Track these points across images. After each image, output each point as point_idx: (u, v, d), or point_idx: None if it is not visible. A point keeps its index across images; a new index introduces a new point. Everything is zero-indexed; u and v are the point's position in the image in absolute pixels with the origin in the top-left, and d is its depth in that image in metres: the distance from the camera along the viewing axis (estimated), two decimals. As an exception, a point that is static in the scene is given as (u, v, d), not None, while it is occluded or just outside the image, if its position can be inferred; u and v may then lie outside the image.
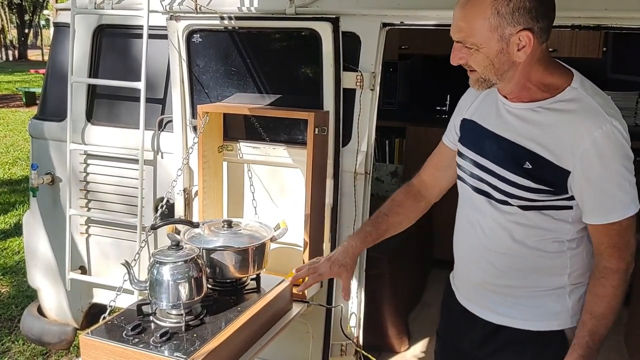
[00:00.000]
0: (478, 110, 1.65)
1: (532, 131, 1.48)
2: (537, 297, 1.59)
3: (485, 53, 1.43)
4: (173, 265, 1.80)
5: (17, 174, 7.54)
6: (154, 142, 2.73)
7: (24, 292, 4.19)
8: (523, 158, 1.48)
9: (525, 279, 1.58)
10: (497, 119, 1.56)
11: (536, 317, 1.59)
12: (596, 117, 1.42)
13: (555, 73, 1.49)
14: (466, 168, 1.64)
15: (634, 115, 4.02)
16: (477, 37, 1.42)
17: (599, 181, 1.43)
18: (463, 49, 1.45)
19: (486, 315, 1.65)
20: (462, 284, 1.74)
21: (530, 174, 1.47)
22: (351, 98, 2.33)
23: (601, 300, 1.50)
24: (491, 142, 1.56)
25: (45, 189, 2.97)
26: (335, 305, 2.44)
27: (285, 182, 2.50)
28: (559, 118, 1.45)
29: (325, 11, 2.30)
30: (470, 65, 1.47)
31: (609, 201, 1.45)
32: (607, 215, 1.46)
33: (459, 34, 1.44)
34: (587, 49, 3.94)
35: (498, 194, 1.54)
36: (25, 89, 13.79)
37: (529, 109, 1.50)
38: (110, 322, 1.81)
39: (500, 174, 1.53)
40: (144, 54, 2.50)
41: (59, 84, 2.88)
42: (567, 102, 1.45)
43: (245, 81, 2.49)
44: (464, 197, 1.68)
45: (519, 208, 1.52)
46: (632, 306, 3.06)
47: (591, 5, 2.05)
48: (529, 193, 1.49)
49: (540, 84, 1.49)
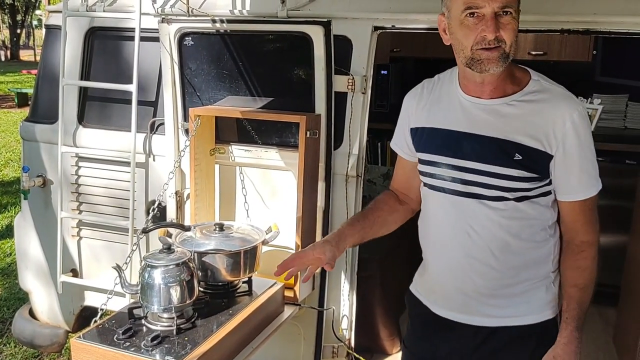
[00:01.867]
0: (431, 116, 1.65)
1: (513, 124, 1.52)
2: (529, 290, 1.62)
3: (517, 21, 1.47)
4: (164, 268, 1.80)
5: (9, 176, 7.50)
6: (145, 144, 2.73)
7: (15, 295, 4.17)
8: (512, 150, 1.51)
9: (520, 274, 1.60)
10: (468, 119, 1.57)
11: (532, 311, 1.62)
12: (569, 101, 1.52)
13: (516, 67, 1.58)
14: (443, 175, 1.61)
15: (623, 118, 4.04)
16: (515, 3, 1.46)
17: (580, 159, 1.52)
18: (502, 17, 1.43)
19: (476, 321, 1.65)
20: (446, 296, 1.70)
21: (522, 164, 1.51)
22: (343, 101, 2.34)
23: (583, 271, 1.59)
24: (468, 142, 1.56)
25: (37, 191, 2.96)
26: (327, 308, 2.45)
27: (277, 185, 2.50)
28: (535, 107, 1.51)
29: (317, 14, 2.31)
30: (501, 39, 1.44)
31: (587, 177, 1.54)
32: (588, 190, 1.55)
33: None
34: (576, 53, 3.97)
35: (491, 191, 1.54)
36: (18, 89, 13.73)
37: (503, 104, 1.54)
38: (102, 325, 1.81)
39: (489, 171, 1.53)
40: (136, 56, 2.49)
41: (50, 86, 2.88)
42: (537, 92, 1.53)
43: (237, 84, 2.50)
44: (443, 207, 1.63)
45: (514, 201, 1.54)
46: (620, 306, 3.09)
47: (580, 9, 2.07)
48: (523, 183, 1.52)
49: (512, 76, 1.55)
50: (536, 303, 1.63)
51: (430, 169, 1.64)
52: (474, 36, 1.44)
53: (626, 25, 2.05)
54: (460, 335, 1.67)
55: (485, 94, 1.55)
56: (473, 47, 1.45)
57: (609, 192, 3.65)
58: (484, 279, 1.61)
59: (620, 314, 3.10)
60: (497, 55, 1.45)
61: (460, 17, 1.46)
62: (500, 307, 1.62)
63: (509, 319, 1.62)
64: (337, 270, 2.43)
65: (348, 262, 2.41)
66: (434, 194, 1.66)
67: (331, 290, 2.46)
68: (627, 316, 2.97)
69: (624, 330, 2.99)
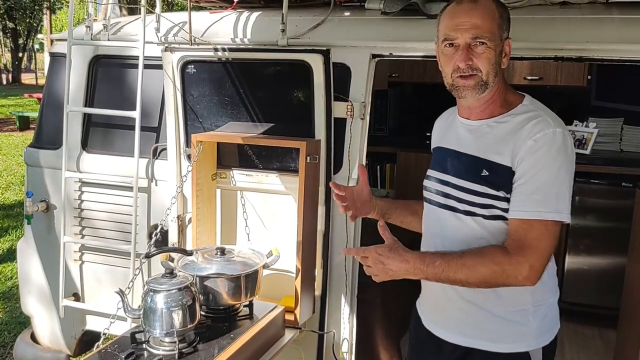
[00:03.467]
0: (440, 137, 1.79)
1: (486, 142, 1.60)
2: (501, 318, 1.61)
3: (493, 50, 1.54)
4: (167, 293, 1.82)
5: (11, 199, 7.53)
6: (148, 169, 2.76)
7: (16, 319, 4.17)
8: (480, 166, 1.58)
9: (492, 300, 1.59)
10: (456, 138, 1.69)
11: (503, 339, 1.61)
12: (542, 123, 1.52)
13: (510, 92, 1.65)
14: (432, 187, 1.73)
15: (619, 141, 4.09)
16: (490, 33, 1.53)
17: (533, 178, 1.48)
18: (477, 47, 1.53)
19: (454, 339, 1.67)
20: (429, 308, 1.78)
21: (488, 180, 1.56)
22: (342, 127, 2.38)
23: (486, 263, 1.47)
24: (452, 159, 1.67)
25: (40, 216, 2.99)
26: (327, 331, 2.46)
27: (277, 209, 2.53)
28: (510, 126, 1.57)
29: (316, 43, 2.37)
30: (475, 67, 1.54)
31: (540, 198, 1.48)
32: (536, 211, 1.48)
33: (475, 31, 1.52)
34: (572, 78, 4.04)
35: (462, 205, 1.61)
36: (19, 113, 13.79)
37: (484, 124, 1.63)
38: (104, 350, 1.83)
39: (461, 185, 1.61)
40: (139, 83, 2.54)
41: (54, 113, 2.93)
42: (518, 115, 1.59)
43: (239, 110, 2.54)
44: (431, 219, 1.74)
45: (484, 218, 1.57)
46: (621, 329, 3.09)
47: (573, 37, 2.13)
48: (491, 200, 1.55)
49: (502, 100, 1.62)
50: (509, 332, 1.60)
51: (426, 183, 1.77)
52: (451, 64, 1.58)
53: (618, 53, 2.10)
54: (442, 352, 1.70)
55: (473, 115, 1.65)
56: (452, 74, 1.58)
57: (606, 214, 3.74)
58: (460, 297, 1.63)
59: (620, 335, 3.11)
60: (473, 83, 1.56)
61: (441, 46, 1.61)
62: (474, 327, 1.63)
63: (481, 342, 1.62)
64: (337, 293, 2.45)
65: (348, 285, 2.43)
66: (426, 206, 1.77)
67: (331, 313, 2.48)
68: (626, 338, 2.97)
69: (624, 352, 2.99)
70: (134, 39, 2.66)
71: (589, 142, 3.99)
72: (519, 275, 1.46)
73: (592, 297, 3.78)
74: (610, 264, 3.72)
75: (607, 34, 2.11)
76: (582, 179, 3.69)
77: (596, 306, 3.76)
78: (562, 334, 3.75)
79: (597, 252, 3.76)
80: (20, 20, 29.07)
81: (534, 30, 2.14)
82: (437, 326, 1.73)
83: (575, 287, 3.79)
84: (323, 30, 2.40)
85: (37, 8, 28.15)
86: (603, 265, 3.75)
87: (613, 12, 2.16)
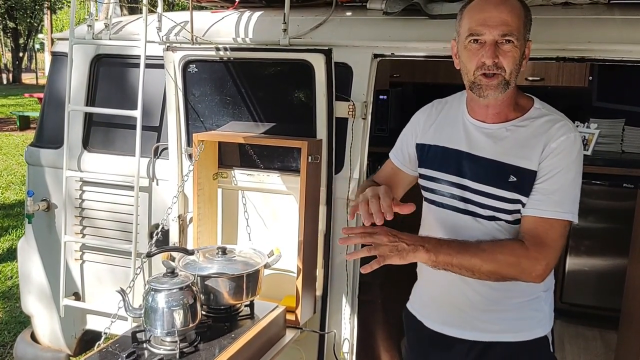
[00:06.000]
0: (437, 135, 1.72)
1: (507, 147, 1.58)
2: (521, 308, 1.65)
3: (519, 50, 1.51)
4: (168, 292, 1.82)
5: (11, 198, 7.53)
6: (149, 169, 2.76)
7: (16, 318, 4.17)
8: (507, 172, 1.56)
9: (511, 291, 1.62)
10: (470, 141, 1.64)
11: (524, 328, 1.65)
12: (562, 126, 1.55)
13: (520, 94, 1.64)
14: (443, 191, 1.68)
15: (620, 142, 4.08)
16: (518, 32, 1.50)
17: (555, 179, 1.52)
18: (503, 45, 1.50)
19: (472, 336, 1.68)
20: (436, 308, 1.76)
21: (516, 186, 1.55)
22: (343, 126, 2.38)
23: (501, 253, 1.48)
24: (468, 162, 1.63)
25: (41, 215, 2.99)
26: (328, 331, 2.46)
27: (278, 209, 2.53)
28: (530, 130, 1.57)
29: (318, 42, 2.37)
30: (500, 66, 1.50)
31: (559, 199, 1.52)
32: (554, 211, 1.52)
33: (504, 27, 1.48)
34: (573, 78, 4.04)
35: (485, 210, 1.60)
36: (20, 112, 13.81)
37: (502, 129, 1.60)
38: (105, 349, 1.82)
39: (484, 191, 1.59)
40: (141, 83, 2.54)
41: (56, 112, 2.92)
42: (535, 118, 1.59)
43: (240, 110, 2.54)
44: (442, 222, 1.69)
45: (507, 222, 1.58)
46: (622, 332, 3.09)
47: (575, 38, 2.13)
48: (517, 205, 1.55)
49: (515, 103, 1.61)
50: (527, 321, 1.66)
51: (432, 185, 1.71)
52: (475, 61, 1.53)
53: (619, 53, 2.10)
54: (455, 350, 1.70)
55: (489, 118, 1.62)
56: (475, 71, 1.53)
57: (607, 215, 3.73)
58: (479, 295, 1.65)
59: (620, 337, 3.11)
60: (496, 83, 1.52)
61: (465, 42, 1.55)
62: (494, 322, 1.66)
63: (503, 335, 1.65)
64: (338, 293, 2.45)
65: (349, 285, 2.43)
66: (434, 209, 1.72)
67: (332, 313, 2.48)
68: (627, 339, 2.97)
69: (624, 353, 2.99)
70: (136, 38, 2.66)
71: (590, 143, 3.99)
72: (533, 271, 1.49)
73: (593, 299, 3.77)
74: (611, 265, 3.71)
75: (609, 35, 2.11)
76: (584, 179, 3.62)
77: (597, 307, 3.75)
78: (562, 335, 3.75)
79: (598, 253, 3.75)
80: (20, 20, 29.09)
81: (536, 31, 2.11)
82: (448, 326, 1.72)
83: (576, 288, 3.78)
84: (325, 30, 2.40)
85: (38, 8, 28.18)
86: (604, 267, 3.74)
87: (615, 12, 2.16)
